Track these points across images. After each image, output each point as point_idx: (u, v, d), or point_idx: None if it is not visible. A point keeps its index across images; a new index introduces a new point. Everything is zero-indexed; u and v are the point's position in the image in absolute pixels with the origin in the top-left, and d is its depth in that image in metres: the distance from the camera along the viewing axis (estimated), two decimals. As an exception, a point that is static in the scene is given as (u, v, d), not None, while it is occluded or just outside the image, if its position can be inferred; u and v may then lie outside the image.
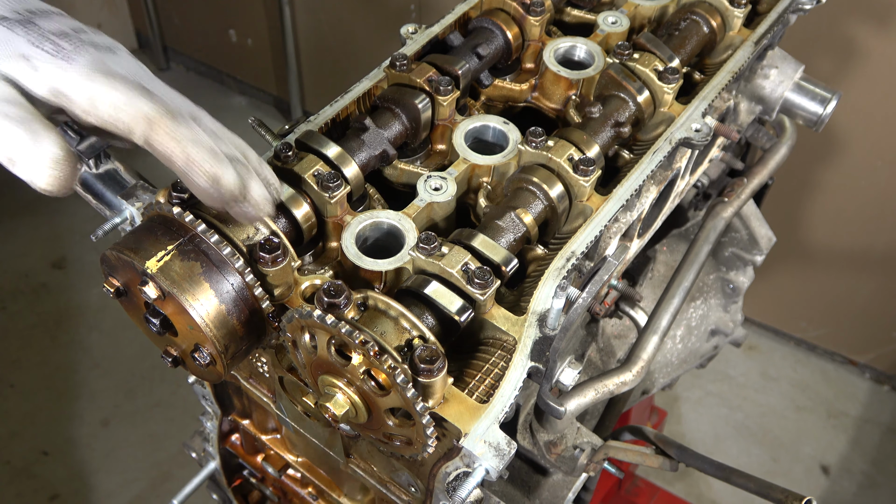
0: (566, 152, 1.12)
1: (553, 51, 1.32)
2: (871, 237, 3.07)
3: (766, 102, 1.54)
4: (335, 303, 0.90)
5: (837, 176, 2.98)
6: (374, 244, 1.08)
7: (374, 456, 1.17)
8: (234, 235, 0.96)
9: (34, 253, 3.82)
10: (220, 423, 1.50)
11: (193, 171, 0.85)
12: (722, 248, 1.83)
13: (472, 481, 0.92)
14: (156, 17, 4.70)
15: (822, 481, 3.20)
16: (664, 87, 1.24)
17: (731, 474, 1.17)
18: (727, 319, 1.85)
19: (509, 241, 1.09)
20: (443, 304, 0.97)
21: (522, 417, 1.32)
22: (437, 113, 1.20)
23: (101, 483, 3.07)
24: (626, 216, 1.22)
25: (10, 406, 3.26)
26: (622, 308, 1.44)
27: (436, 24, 1.34)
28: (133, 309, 1.01)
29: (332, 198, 1.05)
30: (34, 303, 3.62)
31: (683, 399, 3.42)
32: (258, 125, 1.17)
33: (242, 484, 1.67)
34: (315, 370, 0.95)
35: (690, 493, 3.13)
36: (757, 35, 1.37)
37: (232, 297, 0.93)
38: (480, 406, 0.93)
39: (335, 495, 1.40)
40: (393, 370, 0.86)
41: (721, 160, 1.70)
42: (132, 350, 3.45)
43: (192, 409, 3.27)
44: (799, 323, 3.52)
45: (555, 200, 1.11)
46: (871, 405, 3.44)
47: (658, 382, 1.78)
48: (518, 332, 0.99)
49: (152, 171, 1.17)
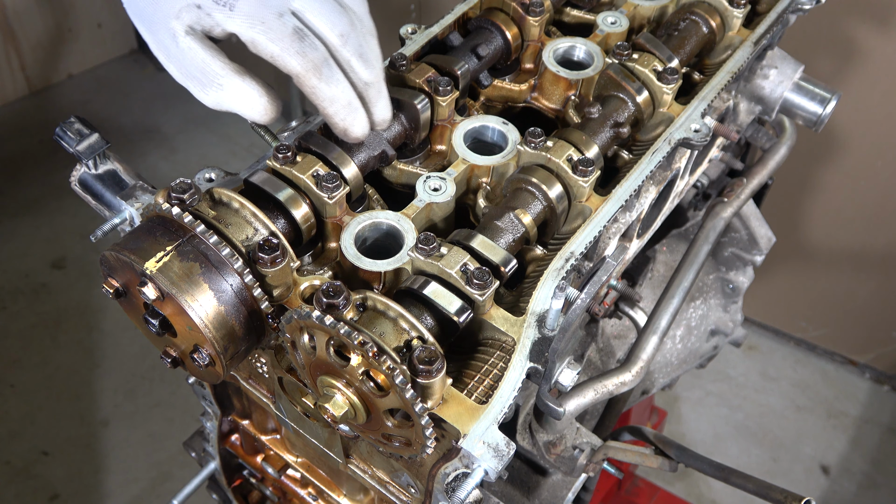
0: (565, 153, 1.12)
1: (552, 51, 1.32)
2: (871, 237, 3.07)
3: (765, 102, 1.54)
4: (334, 303, 0.90)
5: (837, 176, 2.98)
6: (374, 245, 1.08)
7: (374, 456, 1.17)
8: (233, 236, 0.96)
9: (34, 253, 3.82)
10: (220, 424, 1.50)
11: (329, 121, 1.03)
12: (722, 248, 1.83)
13: (472, 482, 0.92)
14: (156, 17, 4.69)
15: (822, 481, 3.20)
16: (663, 88, 1.24)
17: (731, 475, 1.17)
18: (727, 319, 1.85)
19: (508, 241, 1.09)
20: (442, 304, 0.97)
21: (522, 418, 1.32)
22: (437, 113, 1.20)
23: (101, 483, 3.07)
24: (625, 216, 1.22)
25: (10, 406, 3.26)
26: (622, 308, 1.44)
27: (435, 24, 1.34)
28: (132, 309, 1.01)
29: (332, 198, 1.05)
30: (34, 303, 3.62)
31: (683, 399, 3.42)
32: (258, 125, 1.17)
33: (242, 484, 1.67)
34: (314, 371, 0.95)
35: (690, 493, 3.13)
36: (756, 35, 1.37)
37: (231, 297, 0.93)
38: (479, 407, 0.93)
39: (335, 495, 1.40)
40: (392, 371, 0.86)
41: (721, 160, 1.70)
42: (132, 350, 3.45)
43: (192, 409, 3.27)
44: (799, 323, 3.52)
45: (554, 201, 1.11)
46: (871, 405, 3.44)
47: (658, 382, 1.78)
48: (517, 333, 0.99)
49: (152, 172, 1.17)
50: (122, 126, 4.50)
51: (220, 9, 0.95)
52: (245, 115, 1.01)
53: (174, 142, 4.41)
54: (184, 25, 0.96)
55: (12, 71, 4.52)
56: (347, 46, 1.00)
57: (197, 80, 0.99)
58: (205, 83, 0.99)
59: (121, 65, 4.95)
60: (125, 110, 4.64)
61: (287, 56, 0.96)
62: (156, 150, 4.33)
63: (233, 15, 0.95)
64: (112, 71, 4.91)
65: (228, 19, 0.95)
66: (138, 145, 4.37)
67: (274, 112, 1.02)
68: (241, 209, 0.98)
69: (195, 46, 0.97)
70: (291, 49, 0.96)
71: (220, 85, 0.99)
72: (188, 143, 4.41)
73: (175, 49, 0.98)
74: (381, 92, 1.06)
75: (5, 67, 4.48)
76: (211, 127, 4.46)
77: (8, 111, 4.55)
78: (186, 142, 4.41)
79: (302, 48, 0.96)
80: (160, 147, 4.36)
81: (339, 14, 0.99)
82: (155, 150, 4.33)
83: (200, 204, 0.97)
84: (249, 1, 0.95)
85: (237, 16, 0.95)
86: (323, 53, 0.98)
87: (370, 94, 1.04)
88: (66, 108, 4.60)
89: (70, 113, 1.16)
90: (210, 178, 1.12)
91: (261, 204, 1.00)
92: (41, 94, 4.68)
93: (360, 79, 1.03)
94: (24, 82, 4.61)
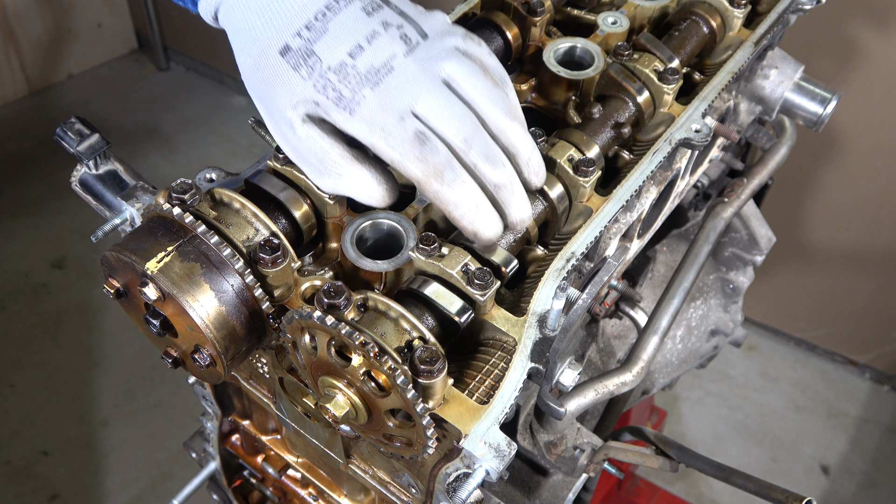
0: (566, 153, 1.12)
1: (553, 51, 1.32)
2: (871, 237, 3.07)
3: (766, 103, 1.54)
4: (335, 304, 0.90)
5: (837, 176, 2.98)
6: (374, 245, 1.08)
7: (375, 457, 1.17)
8: (234, 236, 0.96)
9: (34, 253, 3.82)
10: (221, 424, 1.50)
11: (457, 224, 0.95)
12: (722, 249, 1.83)
13: (473, 482, 0.92)
14: (156, 17, 4.70)
15: (822, 481, 3.20)
16: (664, 88, 1.24)
17: (731, 475, 1.17)
18: (727, 319, 1.85)
19: (509, 241, 1.09)
20: (443, 304, 0.97)
21: (522, 418, 1.32)
22: (437, 113, 1.20)
23: (101, 483, 3.07)
24: (625, 217, 1.22)
25: (10, 406, 3.26)
26: (622, 308, 1.44)
27: (436, 24, 1.34)
28: (133, 310, 1.01)
29: (332, 198, 1.05)
30: (34, 303, 3.62)
31: (683, 399, 3.42)
32: (258, 125, 1.17)
33: (243, 484, 1.67)
34: (315, 371, 0.95)
35: (690, 493, 3.13)
36: (757, 35, 1.37)
37: (232, 298, 0.93)
38: (480, 407, 0.93)
39: (335, 496, 1.40)
40: (393, 371, 0.86)
41: (721, 160, 1.70)
42: (132, 350, 3.45)
43: (192, 409, 3.27)
44: (799, 323, 3.52)
45: (554, 201, 1.11)
46: (871, 405, 3.44)
47: (658, 382, 1.78)
48: (518, 333, 0.99)
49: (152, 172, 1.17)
50: (123, 126, 4.50)
51: (339, 111, 0.91)
52: (363, 202, 0.98)
53: (174, 142, 4.41)
54: (301, 115, 0.93)
55: (12, 71, 4.52)
56: (473, 150, 0.94)
57: (314, 168, 0.96)
58: (322, 171, 0.96)
59: (121, 65, 4.96)
60: (125, 110, 4.64)
61: (407, 162, 0.91)
62: (156, 151, 4.33)
63: (352, 119, 0.91)
64: (112, 71, 4.91)
65: (348, 122, 0.91)
66: (139, 145, 4.37)
67: (391, 199, 0.98)
68: (242, 209, 0.98)
69: (314, 136, 0.93)
70: (411, 155, 0.91)
71: (338, 174, 0.95)
72: (188, 143, 4.41)
73: (293, 136, 0.94)
74: (513, 192, 0.97)
75: (5, 67, 4.48)
76: (211, 127, 4.46)
77: (8, 111, 4.55)
78: (187, 142, 4.41)
79: (423, 153, 0.91)
80: (160, 147, 4.37)
81: (462, 117, 0.94)
82: (155, 150, 4.33)
83: (201, 204, 0.97)
84: (370, 105, 0.90)
85: (357, 120, 0.91)
86: (445, 157, 0.92)
87: (502, 195, 0.96)
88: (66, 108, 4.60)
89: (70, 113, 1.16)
90: (211, 178, 1.12)
91: (262, 204, 1.00)
92: (41, 94, 4.69)
93: (489, 181, 0.96)
94: (24, 82, 4.61)
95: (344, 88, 0.91)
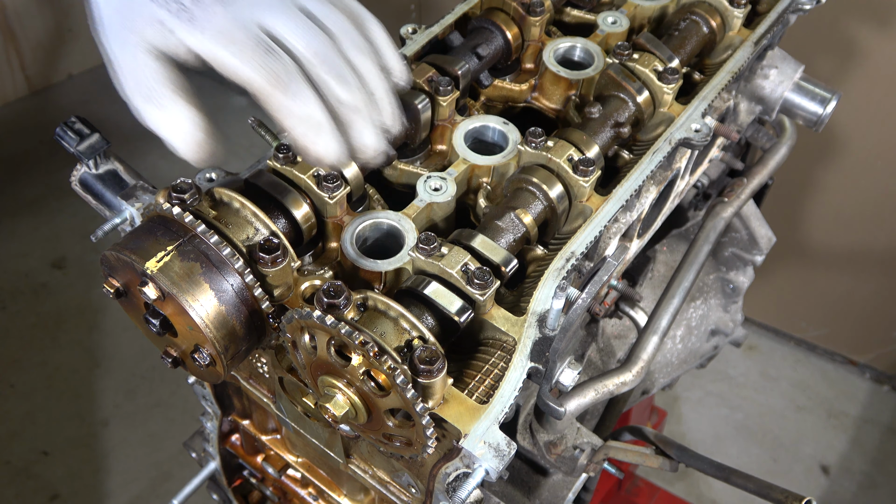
0: (566, 153, 1.12)
1: (553, 51, 1.32)
2: (871, 237, 3.07)
3: (765, 102, 1.54)
4: (335, 303, 0.90)
5: (837, 176, 2.98)
6: (374, 245, 1.08)
7: (374, 456, 1.17)
8: (234, 236, 0.96)
9: (34, 253, 3.82)
10: (220, 424, 1.50)
11: (293, 141, 0.92)
12: (722, 249, 1.83)
13: (472, 482, 0.92)
14: (156, 17, 4.69)
15: (822, 481, 3.20)
16: (664, 88, 1.24)
17: (731, 474, 1.17)
18: (727, 319, 1.85)
19: (509, 241, 1.09)
20: (442, 304, 0.97)
21: (522, 418, 1.32)
22: (437, 113, 1.20)
23: (101, 483, 3.06)
24: (625, 216, 1.22)
25: (10, 406, 3.26)
26: (622, 308, 1.44)
27: (436, 24, 1.34)
28: (133, 309, 1.01)
29: (332, 198, 1.05)
30: (34, 303, 3.62)
31: (683, 399, 3.42)
32: (258, 125, 1.17)
33: (242, 484, 1.67)
34: (315, 371, 0.95)
35: (690, 493, 3.12)
36: (757, 35, 1.37)
37: (232, 297, 0.93)
38: (480, 407, 0.93)
39: (335, 496, 1.40)
40: (392, 371, 0.86)
41: (721, 160, 1.70)
42: (132, 350, 3.45)
43: (192, 409, 3.27)
44: (799, 323, 3.52)
45: (554, 201, 1.11)
46: (871, 405, 3.44)
47: (658, 382, 1.78)
48: (518, 333, 0.99)
49: (152, 172, 1.17)
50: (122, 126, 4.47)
51: (184, 25, 0.90)
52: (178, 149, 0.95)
53: (174, 142, 4.41)
54: (146, 42, 0.92)
55: (12, 71, 4.52)
56: (324, 66, 0.92)
57: (143, 96, 0.94)
58: (148, 98, 0.94)
59: (121, 65, 4.95)
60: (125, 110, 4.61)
61: (248, 69, 0.89)
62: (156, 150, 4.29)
63: (196, 31, 0.90)
64: (112, 71, 4.90)
65: (190, 35, 0.90)
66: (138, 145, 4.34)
67: (205, 152, 0.94)
68: (242, 209, 0.98)
69: (150, 62, 0.92)
70: (254, 61, 0.89)
71: (161, 104, 0.93)
72: (188, 143, 4.40)
73: (132, 62, 0.93)
74: (360, 113, 0.95)
75: (5, 67, 4.47)
76: (211, 127, 4.46)
77: (8, 111, 4.55)
78: (186, 142, 4.41)
79: (266, 61, 0.90)
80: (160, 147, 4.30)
81: (316, 34, 0.93)
82: (155, 150, 4.30)
83: (201, 204, 0.97)
84: (219, 19, 0.90)
85: (201, 33, 0.90)
86: (291, 67, 0.91)
87: (348, 116, 0.94)
88: (67, 108, 4.60)
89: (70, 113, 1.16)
90: (210, 177, 1.12)
91: (261, 204, 1.00)
92: (41, 94, 4.68)
93: (336, 96, 0.93)
94: (24, 82, 4.61)
95: (195, 8, 0.90)
